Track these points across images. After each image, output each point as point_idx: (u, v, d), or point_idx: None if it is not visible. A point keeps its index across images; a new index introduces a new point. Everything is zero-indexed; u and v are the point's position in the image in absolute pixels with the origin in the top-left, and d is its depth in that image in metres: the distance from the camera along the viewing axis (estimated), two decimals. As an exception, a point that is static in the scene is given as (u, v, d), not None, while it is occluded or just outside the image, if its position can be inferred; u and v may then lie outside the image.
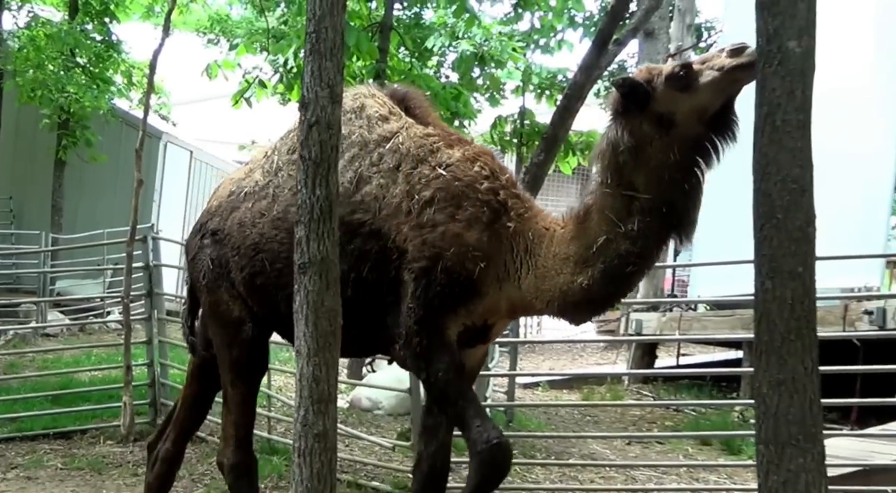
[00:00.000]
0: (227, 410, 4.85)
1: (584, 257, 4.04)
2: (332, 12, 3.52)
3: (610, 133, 4.02)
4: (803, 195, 3.28)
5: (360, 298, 4.20)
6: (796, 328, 3.26)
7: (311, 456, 3.49)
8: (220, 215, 4.69)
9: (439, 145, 4.31)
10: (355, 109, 4.49)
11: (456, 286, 4.09)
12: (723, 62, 3.84)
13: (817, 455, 3.26)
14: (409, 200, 4.17)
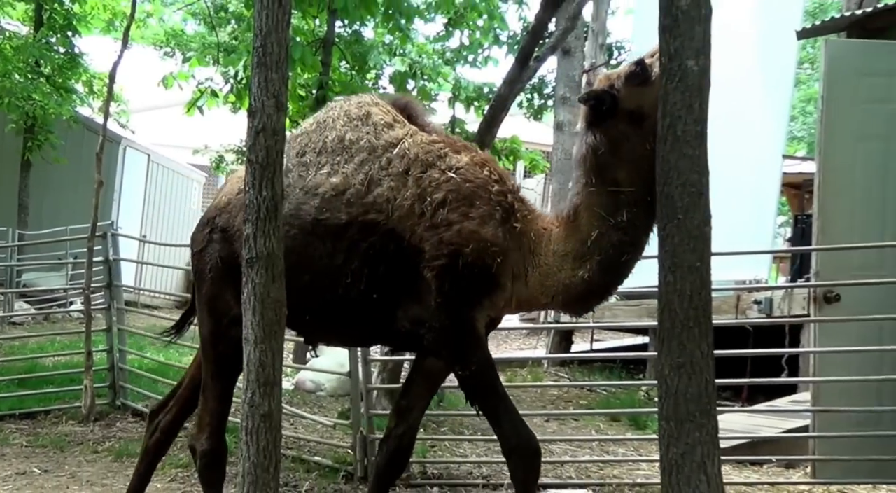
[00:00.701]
0: (204, 399, 4.72)
1: (581, 252, 4.04)
2: (277, 28, 3.49)
3: (588, 139, 4.02)
4: (701, 198, 3.33)
5: (372, 292, 4.15)
6: (694, 317, 3.31)
7: (258, 434, 3.46)
8: (230, 213, 4.51)
9: (446, 151, 4.26)
10: (361, 117, 4.41)
11: (479, 280, 4.06)
12: None
13: (712, 430, 3.31)
14: (420, 203, 4.10)
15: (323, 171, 4.30)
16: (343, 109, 4.49)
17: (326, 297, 4.29)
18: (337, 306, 4.30)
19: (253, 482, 3.45)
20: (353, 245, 4.13)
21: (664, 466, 3.35)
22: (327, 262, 4.20)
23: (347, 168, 4.25)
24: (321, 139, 4.40)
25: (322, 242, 4.19)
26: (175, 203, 22.41)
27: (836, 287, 6.35)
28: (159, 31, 19.85)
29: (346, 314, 4.34)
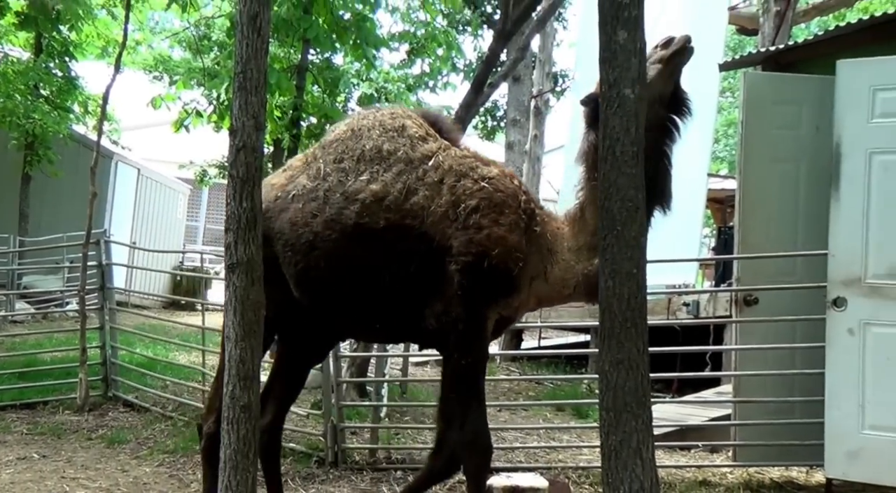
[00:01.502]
0: (217, 384, 4.56)
1: (593, 243, 3.97)
2: (256, 56, 3.47)
3: (589, 137, 4.01)
4: (637, 212, 3.35)
5: (403, 291, 4.10)
6: (631, 318, 3.32)
7: (238, 424, 3.44)
8: (269, 217, 4.34)
9: (477, 164, 4.21)
10: (397, 129, 4.33)
11: (499, 281, 4.01)
12: (661, 55, 3.91)
13: (646, 419, 3.32)
14: (454, 208, 4.05)
15: (363, 178, 4.20)
16: (377, 120, 4.40)
17: (363, 295, 4.22)
18: (372, 304, 4.24)
19: (234, 467, 3.42)
20: (389, 247, 4.06)
21: (604, 451, 3.35)
22: (365, 262, 4.14)
23: (386, 177, 4.17)
24: (358, 147, 4.30)
25: (361, 244, 4.12)
26: (162, 213, 22.21)
27: (755, 291, 6.40)
28: (148, 57, 19.68)
29: (380, 312, 4.27)
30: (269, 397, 4.77)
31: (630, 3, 3.32)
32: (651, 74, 3.81)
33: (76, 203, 14.71)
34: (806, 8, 13.68)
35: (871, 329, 5.54)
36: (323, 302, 4.41)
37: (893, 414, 5.46)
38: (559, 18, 19.14)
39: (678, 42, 3.88)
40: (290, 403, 5.01)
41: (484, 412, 4.17)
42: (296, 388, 5.02)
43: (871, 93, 5.56)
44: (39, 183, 16.65)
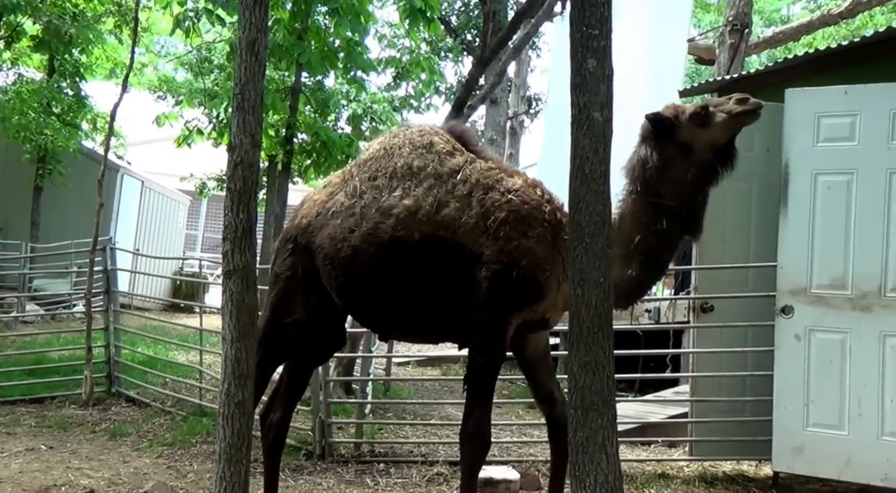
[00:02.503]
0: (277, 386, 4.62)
1: (627, 254, 3.94)
2: (253, 79, 3.46)
3: (640, 152, 3.95)
4: (604, 226, 3.34)
5: (439, 297, 4.03)
6: (598, 323, 3.31)
7: (233, 419, 3.41)
8: (310, 232, 4.32)
9: (502, 176, 4.15)
10: (425, 145, 4.28)
11: (525, 290, 3.95)
12: (731, 108, 3.84)
13: (611, 417, 3.32)
14: (484, 220, 3.98)
15: (396, 193, 4.15)
16: (407, 138, 4.35)
17: (402, 302, 4.17)
18: (412, 309, 4.18)
19: (228, 460, 3.40)
20: (424, 258, 4.01)
21: (572, 447, 3.34)
22: (402, 273, 4.08)
23: (418, 191, 4.12)
24: (391, 165, 4.25)
25: (397, 256, 4.06)
26: (164, 222, 22.09)
27: (711, 299, 6.43)
28: (154, 78, 19.60)
29: (420, 316, 4.21)
30: (279, 394, 4.74)
31: (598, 33, 3.33)
32: (715, 120, 3.83)
33: (84, 212, 14.65)
34: (757, 41, 13.80)
35: (816, 335, 5.58)
36: (364, 309, 4.37)
37: (833, 413, 5.50)
38: (533, 47, 19.21)
39: (752, 104, 3.83)
40: (298, 400, 4.95)
41: (489, 410, 4.11)
42: (303, 386, 4.98)
43: (815, 119, 5.61)
44: (50, 194, 16.57)
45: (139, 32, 12.92)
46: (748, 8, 10.71)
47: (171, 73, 19.31)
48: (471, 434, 4.04)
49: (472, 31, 18.39)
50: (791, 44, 15.65)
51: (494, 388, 4.17)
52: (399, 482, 5.82)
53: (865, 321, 5.44)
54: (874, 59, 6.08)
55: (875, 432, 5.37)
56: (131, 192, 19.42)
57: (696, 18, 18.94)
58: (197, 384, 7.89)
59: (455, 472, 5.99)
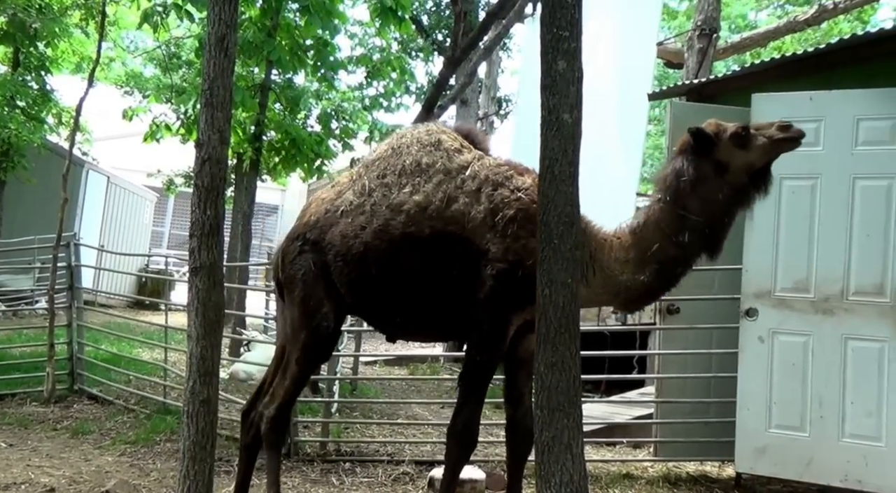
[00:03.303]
0: (282, 376, 4.49)
1: (642, 259, 3.95)
2: (222, 75, 3.44)
3: (676, 164, 3.94)
4: (572, 227, 3.36)
5: (448, 292, 4.02)
6: (565, 324, 3.33)
7: (198, 417, 3.40)
8: (320, 229, 4.30)
9: (511, 173, 4.15)
10: (433, 143, 4.28)
11: (529, 290, 3.82)
12: (772, 133, 3.84)
13: (577, 417, 3.34)
14: (493, 217, 3.98)
15: (405, 190, 4.16)
16: (415, 137, 4.35)
17: (413, 298, 4.16)
18: (422, 305, 4.18)
19: (192, 458, 3.38)
20: (434, 253, 4.00)
21: (538, 446, 3.36)
22: (413, 268, 4.08)
23: (427, 187, 4.12)
24: (399, 163, 4.26)
25: (408, 251, 4.06)
26: (130, 218, 21.87)
27: (677, 301, 6.48)
28: (121, 73, 19.39)
29: (429, 312, 4.20)
30: (264, 392, 4.69)
31: (569, 35, 3.35)
32: (755, 143, 3.84)
33: (48, 208, 14.45)
34: (725, 46, 13.94)
35: (779, 337, 5.65)
36: (374, 306, 4.36)
37: (796, 414, 5.57)
38: (504, 48, 19.24)
39: (794, 132, 3.84)
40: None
41: (479, 408, 4.14)
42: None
43: (782, 124, 5.67)
44: (13, 189, 16.32)
45: (106, 27, 12.76)
46: (717, 13, 10.82)
47: (140, 68, 19.12)
48: (459, 432, 4.08)
49: (444, 32, 18.39)
50: (759, 49, 15.83)
51: (487, 387, 4.19)
52: (365, 482, 5.80)
53: (828, 324, 5.52)
54: (838, 65, 6.17)
55: (836, 433, 5.45)
56: (97, 187, 19.21)
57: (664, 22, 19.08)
58: (161, 382, 7.83)
59: (421, 471, 6.00)
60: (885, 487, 5.31)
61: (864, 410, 5.39)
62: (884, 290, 5.39)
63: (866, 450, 5.36)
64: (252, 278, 17.75)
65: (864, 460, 5.36)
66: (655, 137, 26.76)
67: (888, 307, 5.37)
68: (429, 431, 7.40)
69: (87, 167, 18.49)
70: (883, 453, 5.32)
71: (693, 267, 4.06)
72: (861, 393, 5.41)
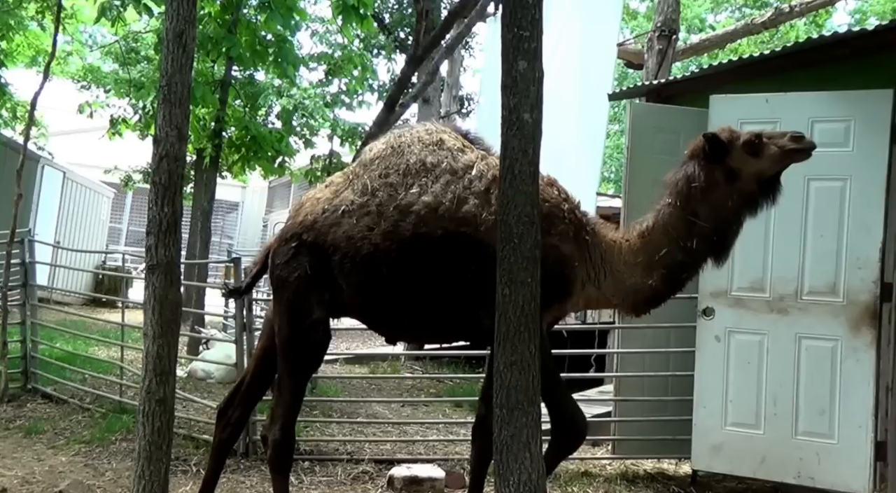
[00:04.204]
0: (278, 393, 4.38)
1: (650, 263, 3.98)
2: (180, 71, 3.41)
3: (688, 169, 3.96)
4: (532, 226, 3.38)
5: (462, 294, 3.96)
6: (525, 323, 3.35)
7: (153, 416, 3.36)
8: (318, 230, 4.18)
9: None
10: (435, 142, 4.22)
11: (554, 287, 3.89)
12: (784, 143, 3.88)
13: (536, 416, 3.36)
14: None
15: (413, 190, 4.08)
16: (415, 136, 4.28)
17: (426, 300, 4.10)
18: (434, 307, 4.11)
19: (147, 458, 3.35)
20: (447, 255, 3.95)
21: (497, 445, 3.38)
22: (426, 270, 4.02)
23: (436, 188, 4.06)
24: (402, 162, 4.17)
25: (420, 253, 4.00)
26: (87, 215, 21.52)
27: (635, 300, 6.52)
28: (79, 67, 19.09)
29: (442, 314, 4.15)
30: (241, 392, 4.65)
31: (529, 35, 3.36)
32: (767, 151, 3.88)
33: (2, 204, 14.22)
34: (684, 47, 14.08)
35: (735, 336, 5.73)
36: (383, 307, 4.27)
37: (751, 412, 5.65)
38: (466, 47, 19.27)
39: (806, 143, 3.90)
40: (259, 400, 4.88)
41: (569, 393, 4.16)
42: (267, 387, 4.80)
43: (738, 126, 5.68)
44: (-35, 184, 16.01)
45: (64, 20, 12.57)
46: (676, 14, 10.92)
47: (99, 62, 18.84)
48: (572, 423, 4.11)
49: (406, 29, 18.36)
50: (717, 51, 16.02)
51: (557, 374, 4.21)
52: (324, 480, 5.78)
53: (782, 323, 5.60)
54: (794, 68, 6.25)
55: (789, 431, 5.54)
56: (52, 183, 18.88)
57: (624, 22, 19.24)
58: (117, 381, 7.73)
59: (381, 470, 5.99)
60: (837, 483, 5.41)
61: (817, 408, 5.48)
62: (837, 290, 5.48)
63: (819, 447, 5.45)
64: (211, 276, 17.60)
65: (816, 457, 5.45)
66: (616, 137, 27.00)
67: (841, 307, 5.46)
68: (389, 430, 7.39)
69: (43, 163, 18.17)
70: (835, 450, 5.42)
71: (697, 273, 4.12)
72: (814, 391, 5.50)
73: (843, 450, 5.40)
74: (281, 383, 4.39)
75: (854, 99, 5.51)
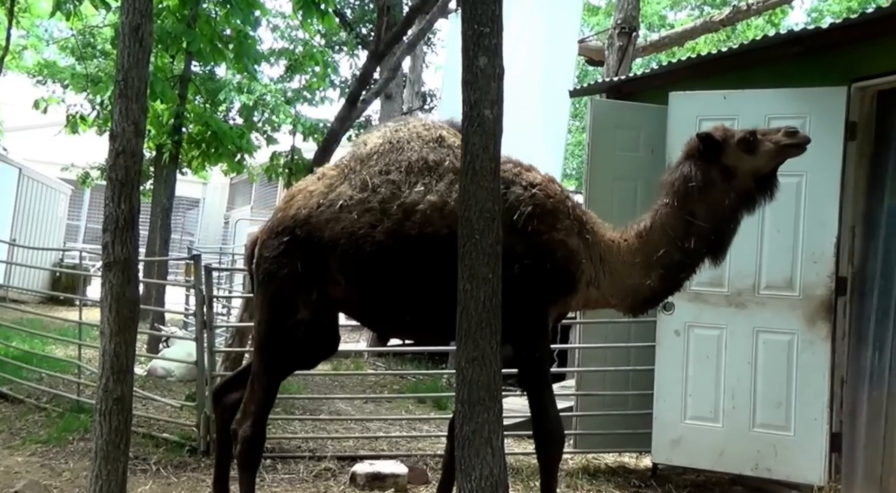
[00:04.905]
0: (252, 389, 4.30)
1: (648, 263, 3.99)
2: (137, 65, 3.36)
3: (684, 169, 3.98)
4: (494, 222, 3.39)
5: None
6: (486, 319, 3.36)
7: (111, 415, 3.32)
8: (313, 225, 4.09)
9: (520, 170, 4.13)
10: (435, 139, 4.17)
11: (561, 282, 3.94)
12: (779, 139, 3.91)
13: (497, 411, 3.37)
14: (510, 215, 3.91)
15: (417, 189, 4.03)
16: (413, 132, 4.23)
17: (430, 299, 4.03)
18: (438, 306, 3.97)
19: (105, 457, 3.30)
20: (451, 253, 3.81)
21: (458, 441, 3.38)
22: (431, 269, 3.95)
23: (440, 187, 4.02)
24: (403, 159, 4.11)
25: (426, 252, 3.95)
26: (44, 212, 21.18)
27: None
28: (35, 62, 18.76)
29: (443, 312, 3.96)
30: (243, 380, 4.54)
31: (490, 31, 3.37)
32: (762, 148, 3.91)
33: (-45, 201, 13.99)
34: (644, 45, 14.21)
35: (694, 331, 5.79)
36: (383, 305, 4.21)
37: (709, 406, 5.72)
38: (428, 43, 19.24)
39: (800, 138, 3.93)
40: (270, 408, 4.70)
41: (555, 403, 4.12)
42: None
43: (697, 122, 5.80)
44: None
45: (18, 14, 12.35)
46: (636, 12, 11.00)
47: (56, 57, 18.53)
48: (553, 431, 4.06)
49: (367, 25, 18.30)
50: (676, 48, 16.17)
51: (549, 376, 4.17)
52: (286, 478, 5.75)
53: (740, 318, 5.68)
54: (751, 65, 6.32)
55: (747, 424, 5.62)
56: (8, 180, 18.58)
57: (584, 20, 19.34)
58: (75, 380, 7.61)
59: (343, 467, 5.97)
60: (794, 475, 5.50)
61: (774, 400, 5.56)
62: (793, 284, 5.57)
63: (776, 439, 5.53)
64: (172, 273, 17.41)
65: (773, 449, 5.53)
66: (577, 133, 27.14)
67: (797, 301, 5.55)
68: (351, 426, 7.37)
69: (-2, 159, 17.90)
70: (791, 442, 5.50)
71: (694, 273, 4.14)
72: (771, 384, 5.58)
73: (799, 442, 5.49)
74: (255, 378, 4.34)
75: (810, 96, 5.59)
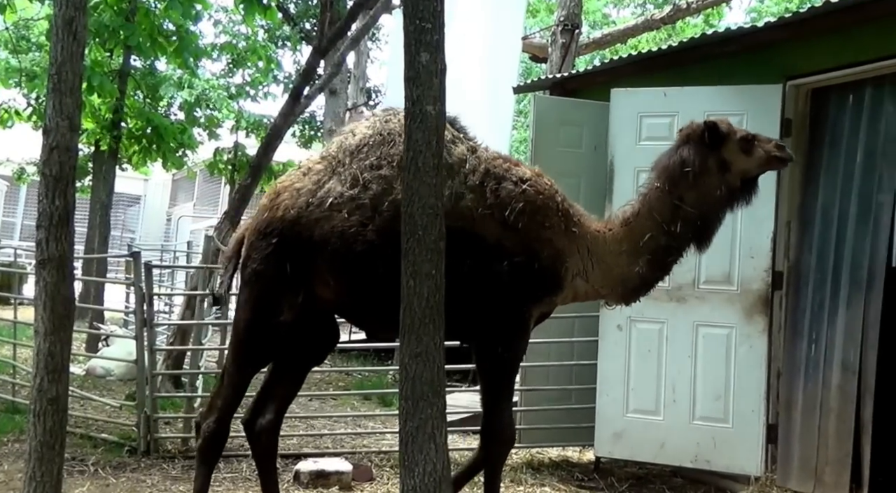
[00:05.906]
0: (221, 383, 4.24)
1: (635, 250, 4.00)
2: (71, 59, 3.29)
3: (683, 152, 4.01)
4: (437, 218, 3.38)
5: (458, 290, 3.73)
6: (430, 315, 3.35)
7: (45, 416, 3.25)
8: (303, 226, 3.99)
9: (509, 165, 4.09)
10: None
11: (545, 281, 3.93)
12: (770, 149, 4.03)
13: (441, 407, 3.37)
14: (501, 211, 3.91)
15: None
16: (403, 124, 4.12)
17: None
18: None
19: (39, 459, 3.23)
20: (448, 251, 3.72)
21: (402, 437, 3.37)
22: None
23: None
24: (394, 153, 3.99)
25: None
26: (-22, 209, 20.70)
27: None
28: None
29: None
30: (270, 397, 4.48)
31: (431, 27, 3.35)
32: (756, 152, 4.01)
33: None
34: (587, 42, 14.33)
35: (636, 325, 5.87)
36: (375, 305, 4.10)
37: (650, 400, 5.81)
38: (373, 38, 19.18)
39: (786, 154, 4.06)
40: (289, 403, 4.71)
41: (511, 405, 4.12)
42: (297, 387, 4.69)
43: (638, 119, 5.89)
44: None
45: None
46: (578, 9, 11.07)
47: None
48: (502, 434, 4.05)
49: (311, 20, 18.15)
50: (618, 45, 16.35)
51: (514, 378, 4.21)
52: (228, 477, 5.69)
53: (681, 312, 5.76)
54: (691, 63, 6.41)
55: (687, 417, 5.71)
56: (-61, 176, 18.10)
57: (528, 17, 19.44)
58: (10, 380, 7.44)
59: (287, 465, 5.92)
60: (732, 466, 5.60)
61: (713, 393, 5.66)
62: (731, 278, 5.67)
63: (715, 432, 5.64)
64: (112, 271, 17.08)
65: (712, 441, 5.63)
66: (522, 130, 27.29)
67: (735, 295, 5.65)
68: (296, 424, 7.30)
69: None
70: (730, 434, 5.60)
71: (681, 258, 4.18)
72: (710, 378, 5.68)
73: (737, 434, 5.59)
74: (226, 373, 4.31)
75: (747, 93, 5.70)
